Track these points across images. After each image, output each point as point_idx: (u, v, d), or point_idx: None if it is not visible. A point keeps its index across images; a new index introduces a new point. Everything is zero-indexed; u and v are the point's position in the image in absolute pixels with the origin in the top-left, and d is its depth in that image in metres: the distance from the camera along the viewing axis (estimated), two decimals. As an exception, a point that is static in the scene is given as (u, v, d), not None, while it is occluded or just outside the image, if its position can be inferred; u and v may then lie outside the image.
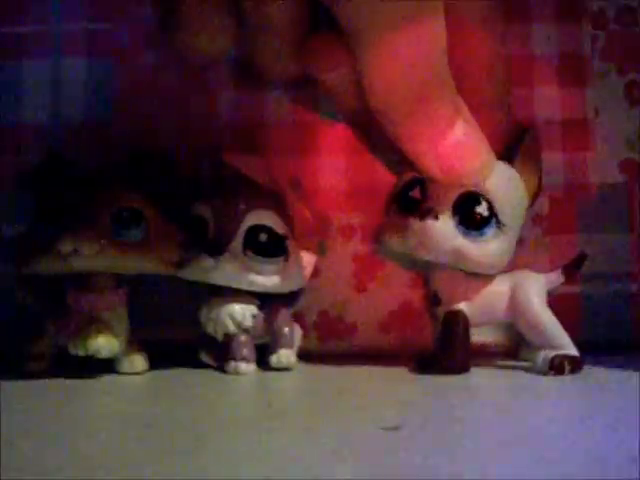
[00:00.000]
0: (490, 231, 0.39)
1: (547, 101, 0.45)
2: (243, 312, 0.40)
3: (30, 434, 0.28)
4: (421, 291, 0.44)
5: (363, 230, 0.44)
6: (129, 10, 0.45)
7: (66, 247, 0.37)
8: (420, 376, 0.39)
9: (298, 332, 0.42)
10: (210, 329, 0.40)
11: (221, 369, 0.40)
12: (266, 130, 0.45)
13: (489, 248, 0.39)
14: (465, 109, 0.36)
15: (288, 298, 0.42)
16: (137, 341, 0.40)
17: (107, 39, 0.45)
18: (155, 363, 0.41)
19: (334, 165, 0.44)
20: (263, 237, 0.40)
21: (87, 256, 0.37)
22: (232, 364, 0.40)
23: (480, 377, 0.39)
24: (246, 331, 0.40)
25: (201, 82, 0.45)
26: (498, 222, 0.39)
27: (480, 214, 0.38)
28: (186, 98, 0.45)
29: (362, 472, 0.24)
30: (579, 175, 0.45)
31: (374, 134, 0.37)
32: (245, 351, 0.40)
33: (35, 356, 0.39)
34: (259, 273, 0.40)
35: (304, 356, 0.43)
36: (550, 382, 0.38)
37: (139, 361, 0.40)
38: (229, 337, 0.40)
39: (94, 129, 0.44)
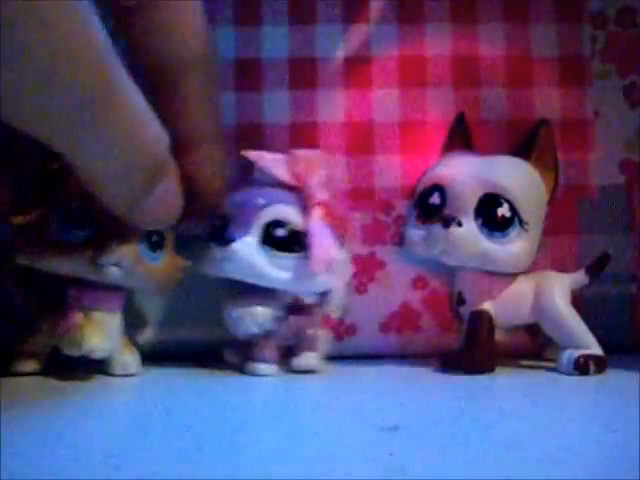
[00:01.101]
0: (514, 231, 0.39)
1: (547, 101, 0.45)
2: (265, 313, 0.39)
3: (22, 434, 0.28)
4: (422, 292, 0.45)
5: (363, 230, 0.44)
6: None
7: (111, 258, 0.37)
8: (442, 375, 0.39)
9: (325, 335, 0.41)
10: (233, 329, 0.40)
11: (243, 369, 0.40)
12: (265, 130, 0.44)
13: (514, 248, 0.39)
14: (167, 165, 0.32)
15: (319, 300, 0.41)
16: (130, 343, 0.40)
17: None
18: (150, 364, 0.41)
19: (334, 165, 0.44)
20: (280, 232, 0.39)
21: (124, 271, 0.37)
22: (251, 365, 0.39)
23: (503, 377, 0.39)
24: (269, 332, 0.40)
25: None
26: (521, 221, 0.39)
27: (503, 215, 0.39)
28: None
29: (362, 472, 0.24)
30: (579, 175, 0.45)
31: None
32: (266, 352, 0.39)
33: (28, 355, 0.39)
34: (272, 267, 0.39)
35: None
36: (564, 383, 0.38)
37: (132, 363, 0.40)
38: (251, 338, 0.40)
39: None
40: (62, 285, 0.38)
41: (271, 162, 0.40)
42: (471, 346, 0.40)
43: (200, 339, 0.43)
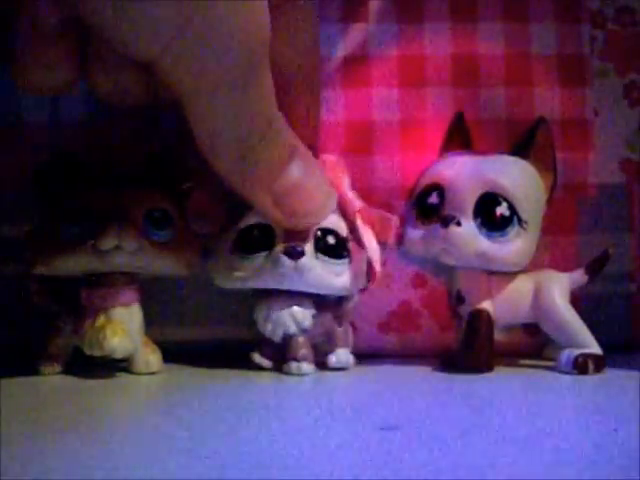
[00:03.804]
0: (513, 230, 0.39)
1: (547, 100, 0.45)
2: (303, 312, 0.39)
3: (38, 434, 0.28)
4: (421, 291, 0.45)
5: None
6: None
7: (108, 243, 0.37)
8: (442, 375, 0.39)
9: (350, 331, 0.42)
10: (268, 330, 0.40)
11: (277, 370, 0.40)
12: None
13: (513, 247, 0.39)
14: (301, 148, 0.35)
15: (339, 298, 0.41)
16: (152, 341, 0.40)
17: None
18: (172, 363, 0.41)
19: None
20: (331, 239, 0.39)
21: (128, 253, 0.37)
22: (293, 364, 0.39)
23: (503, 376, 0.39)
24: (305, 331, 0.40)
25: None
26: (519, 220, 0.39)
27: (502, 214, 0.39)
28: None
29: (362, 472, 0.24)
30: (579, 175, 0.45)
31: None
32: (304, 351, 0.39)
33: (50, 356, 0.39)
34: (335, 275, 0.39)
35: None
36: (563, 382, 0.38)
37: (154, 361, 0.40)
38: (288, 338, 0.39)
39: (94, 129, 0.44)
40: (80, 286, 0.39)
41: None
42: (470, 345, 0.40)
43: (225, 340, 0.43)
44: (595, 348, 0.39)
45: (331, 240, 0.39)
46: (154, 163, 0.40)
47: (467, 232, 0.39)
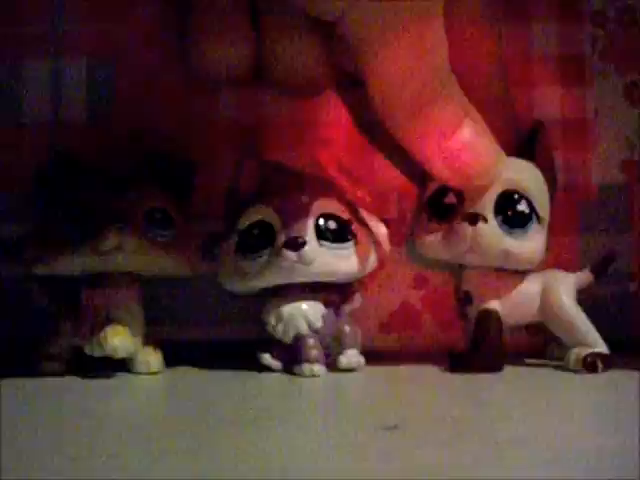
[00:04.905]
0: (532, 227, 0.39)
1: (547, 101, 0.45)
2: (315, 312, 0.39)
3: (38, 434, 0.28)
4: (422, 291, 0.45)
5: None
6: (129, 10, 0.45)
7: (110, 243, 0.37)
8: (443, 375, 0.39)
9: (358, 331, 0.41)
10: (279, 331, 0.39)
11: (288, 372, 0.40)
12: (266, 129, 0.44)
13: (533, 244, 0.39)
14: (473, 109, 0.36)
15: (343, 296, 0.41)
16: (153, 341, 0.40)
17: (107, 39, 0.45)
18: (172, 363, 0.41)
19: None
20: (332, 224, 0.39)
21: (129, 253, 0.37)
22: (305, 366, 0.39)
23: (508, 375, 0.39)
24: (316, 332, 0.39)
25: (201, 82, 0.45)
26: (538, 217, 0.39)
27: (523, 212, 0.39)
28: (186, 98, 0.45)
29: (362, 472, 0.24)
30: (579, 175, 0.45)
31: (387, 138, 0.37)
32: (316, 353, 0.39)
33: (51, 356, 0.39)
34: (341, 260, 0.39)
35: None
36: (570, 382, 0.38)
37: (155, 361, 0.40)
38: (299, 339, 0.39)
39: (94, 129, 0.44)
40: (80, 286, 0.39)
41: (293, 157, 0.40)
42: (480, 346, 0.40)
43: (227, 339, 0.43)
44: (602, 347, 0.39)
45: (332, 225, 0.39)
46: (154, 163, 0.40)
47: (493, 230, 0.38)
